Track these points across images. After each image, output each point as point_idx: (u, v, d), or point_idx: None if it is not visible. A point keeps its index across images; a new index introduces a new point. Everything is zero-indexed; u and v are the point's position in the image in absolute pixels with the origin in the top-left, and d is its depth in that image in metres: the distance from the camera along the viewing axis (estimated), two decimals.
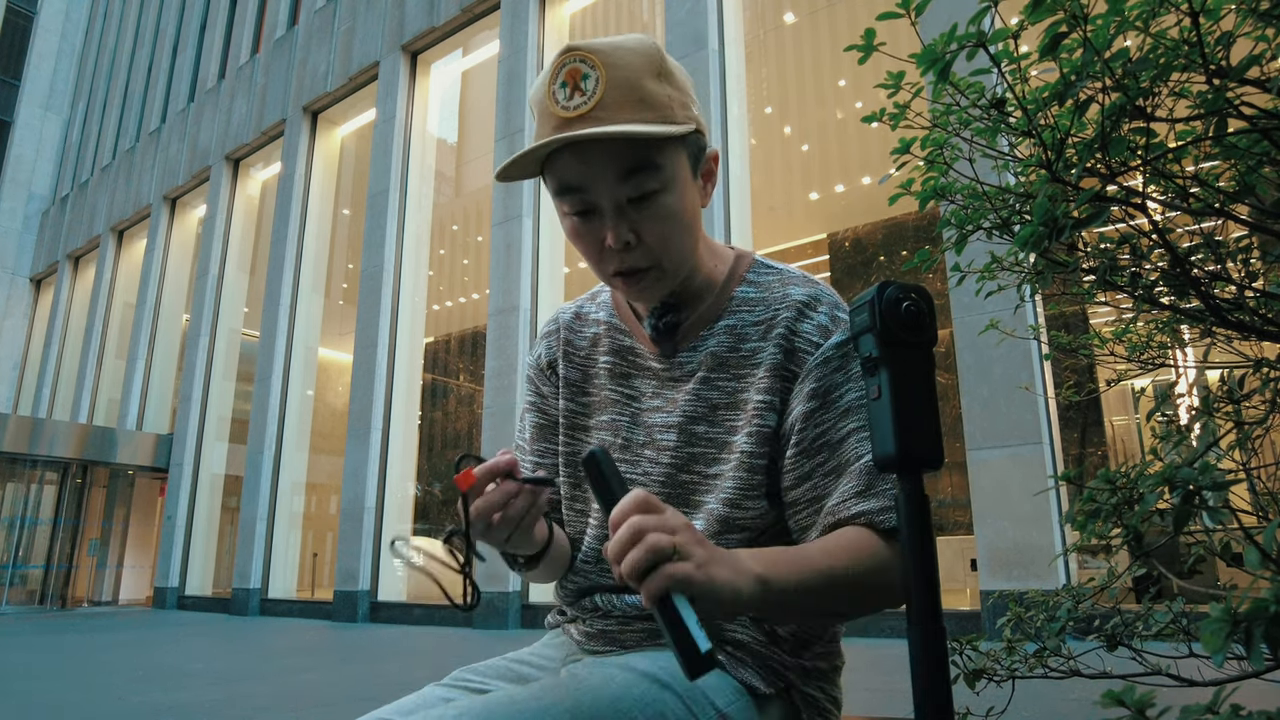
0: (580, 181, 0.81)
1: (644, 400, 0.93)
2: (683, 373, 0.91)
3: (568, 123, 0.79)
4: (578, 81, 0.79)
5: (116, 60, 19.84)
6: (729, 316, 0.90)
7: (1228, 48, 0.68)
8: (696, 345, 0.91)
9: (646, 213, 0.81)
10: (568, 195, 0.82)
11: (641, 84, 0.79)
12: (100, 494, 14.88)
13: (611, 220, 0.81)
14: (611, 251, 0.83)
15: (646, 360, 0.94)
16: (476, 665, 0.91)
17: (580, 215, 0.83)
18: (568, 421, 0.99)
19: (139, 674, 5.13)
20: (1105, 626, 0.95)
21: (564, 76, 0.79)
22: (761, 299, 0.90)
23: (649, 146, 0.79)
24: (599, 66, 0.78)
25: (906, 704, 0.60)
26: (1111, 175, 0.73)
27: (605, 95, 0.78)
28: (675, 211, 0.82)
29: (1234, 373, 0.91)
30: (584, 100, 0.78)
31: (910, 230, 11.50)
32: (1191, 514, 0.70)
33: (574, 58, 0.79)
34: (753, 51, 9.68)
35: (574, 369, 1.00)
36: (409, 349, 10.55)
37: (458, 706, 0.69)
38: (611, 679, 0.73)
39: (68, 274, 18.87)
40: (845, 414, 0.82)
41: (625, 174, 0.79)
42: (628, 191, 0.80)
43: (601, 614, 0.91)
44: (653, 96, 0.80)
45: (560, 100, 0.79)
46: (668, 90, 0.81)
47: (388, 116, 11.05)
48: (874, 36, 0.84)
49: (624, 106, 0.78)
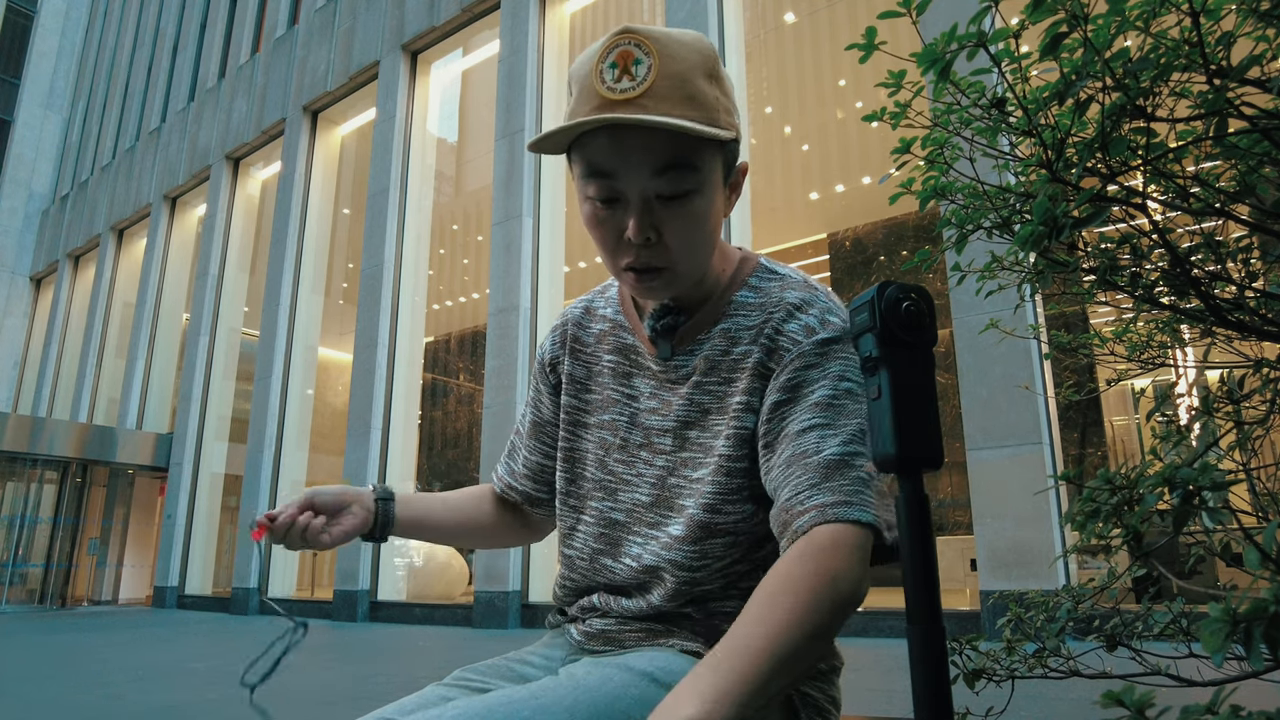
0: (613, 167, 0.77)
1: (642, 400, 0.92)
2: (678, 376, 0.90)
3: (612, 104, 0.75)
4: (629, 65, 0.75)
5: (116, 59, 19.84)
6: (725, 320, 0.88)
7: (1228, 48, 0.68)
8: (693, 349, 0.89)
9: (674, 212, 0.79)
10: (595, 179, 0.79)
11: (693, 80, 0.76)
12: (100, 493, 14.87)
13: (637, 213, 0.78)
14: (629, 244, 0.80)
15: (646, 360, 0.93)
16: (477, 665, 0.91)
17: (604, 202, 0.80)
18: (569, 418, 0.98)
19: (138, 673, 5.13)
20: (1105, 627, 0.95)
21: (615, 57, 0.76)
22: (759, 304, 0.88)
23: (690, 144, 0.76)
24: (654, 54, 0.75)
25: (906, 704, 0.60)
26: (1112, 175, 0.73)
27: (655, 84, 0.75)
28: (702, 215, 0.80)
29: (1234, 373, 0.91)
30: (633, 85, 0.75)
31: (910, 230, 11.49)
32: (1191, 514, 0.70)
33: (629, 40, 0.76)
34: (753, 51, 9.68)
35: (579, 365, 0.99)
36: (409, 348, 10.55)
37: (457, 706, 0.69)
38: (609, 679, 0.73)
39: (68, 273, 18.86)
40: (812, 408, 0.79)
41: (661, 168, 0.76)
42: (659, 187, 0.77)
43: (600, 613, 0.91)
44: (702, 95, 0.77)
45: (608, 80, 0.76)
46: (717, 93, 0.78)
47: (388, 116, 11.05)
48: (875, 35, 0.84)
49: (672, 100, 0.75)
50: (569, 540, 0.97)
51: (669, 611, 0.86)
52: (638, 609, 0.87)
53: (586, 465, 0.96)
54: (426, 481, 15.69)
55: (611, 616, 0.90)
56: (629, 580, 0.89)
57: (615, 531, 0.91)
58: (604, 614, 0.91)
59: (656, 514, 0.89)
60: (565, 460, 0.98)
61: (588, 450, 0.96)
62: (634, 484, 0.91)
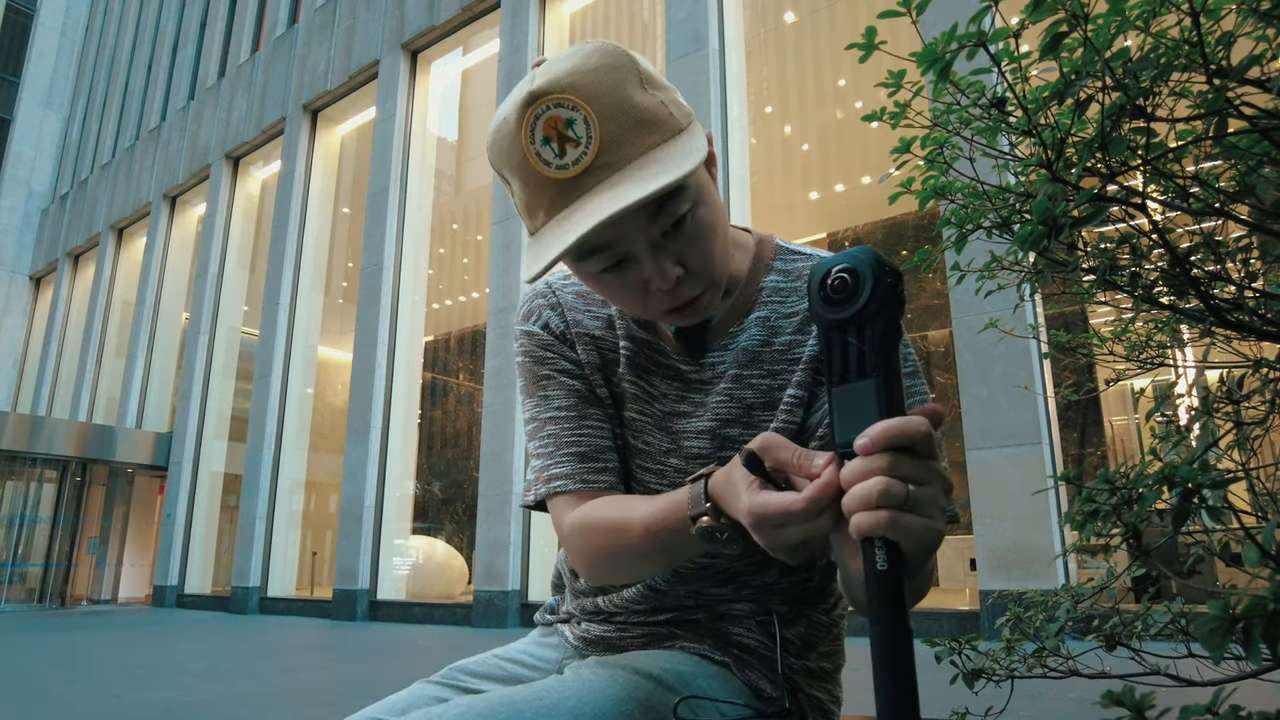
0: (609, 239, 0.70)
1: (666, 402, 0.84)
2: (714, 374, 0.82)
3: (573, 183, 0.67)
4: (561, 130, 0.66)
5: (116, 58, 19.83)
6: (760, 309, 0.82)
7: (1228, 47, 0.68)
8: (726, 343, 0.82)
9: (685, 238, 0.72)
10: (593, 256, 0.71)
11: (631, 101, 0.68)
12: (99, 492, 14.87)
13: (652, 262, 0.71)
14: (659, 292, 0.73)
15: (669, 359, 0.84)
16: (467, 663, 0.89)
17: (612, 269, 0.72)
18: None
19: (137, 672, 5.12)
20: (1104, 626, 0.95)
21: (543, 130, 0.66)
22: (794, 288, 0.83)
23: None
24: (580, 104, 0.66)
25: None
26: (1111, 175, 0.73)
27: (603, 135, 0.66)
28: (709, 222, 0.73)
29: (1233, 373, 0.91)
30: (581, 151, 0.66)
31: (910, 229, 11.50)
32: (1191, 513, 0.70)
33: (546, 103, 0.66)
34: (753, 51, 9.68)
35: (590, 351, 0.86)
36: (409, 347, 10.55)
37: (457, 705, 0.68)
38: (615, 680, 0.71)
39: (67, 272, 18.86)
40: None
41: (656, 211, 0.69)
42: (660, 226, 0.70)
43: (602, 617, 0.89)
44: (648, 111, 0.69)
45: (550, 160, 0.67)
46: (657, 95, 0.71)
47: (388, 115, 11.04)
48: (875, 35, 0.84)
49: (628, 139, 0.67)
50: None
51: (678, 617, 0.84)
52: (645, 612, 0.85)
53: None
54: (426, 481, 15.68)
55: (614, 621, 0.87)
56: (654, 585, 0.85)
57: None
58: (606, 618, 0.88)
59: None
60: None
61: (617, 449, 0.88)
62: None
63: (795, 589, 0.85)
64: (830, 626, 0.87)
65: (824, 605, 0.87)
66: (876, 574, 0.51)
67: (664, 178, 0.64)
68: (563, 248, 0.65)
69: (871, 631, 0.50)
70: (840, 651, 0.90)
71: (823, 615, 0.87)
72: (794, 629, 0.84)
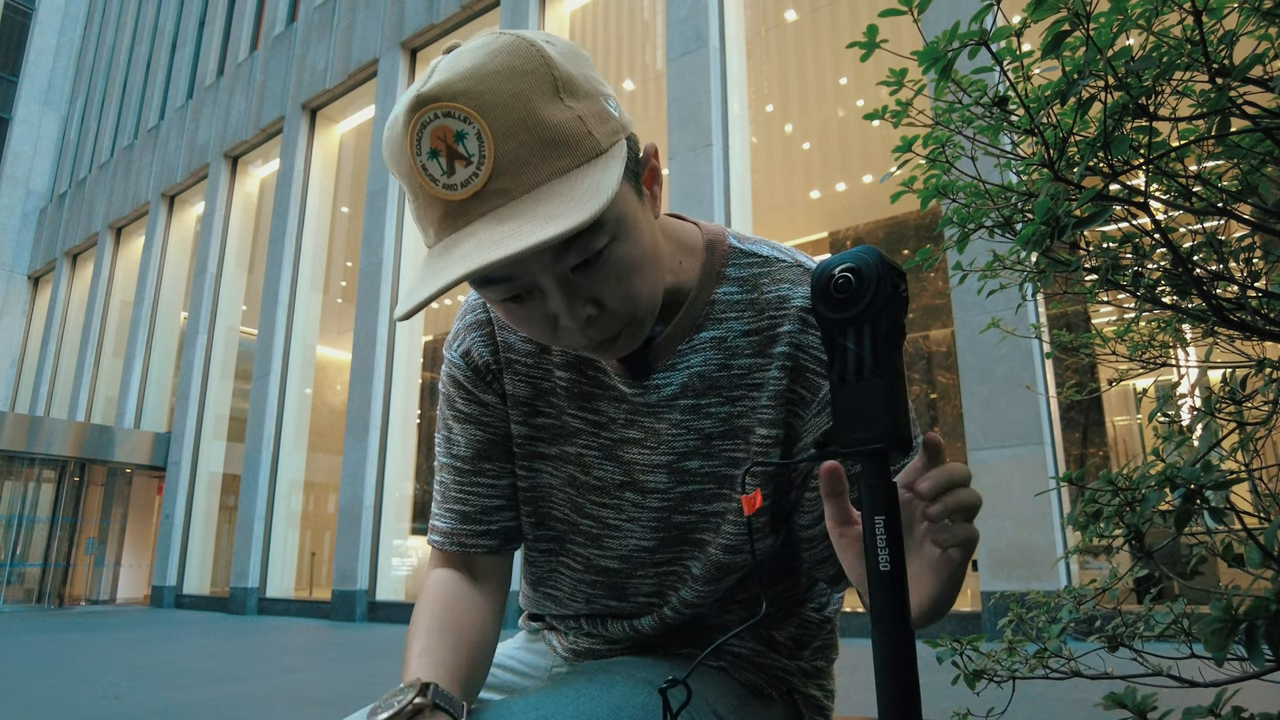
0: (504, 274, 0.60)
1: (615, 429, 0.77)
2: (660, 398, 0.75)
3: (460, 207, 0.57)
4: (452, 144, 0.56)
5: (115, 57, 19.81)
6: (712, 326, 0.74)
7: (1231, 47, 0.68)
8: (675, 363, 0.74)
9: (600, 275, 0.61)
10: (491, 286, 0.61)
11: (538, 116, 0.57)
12: (98, 492, 14.87)
13: (561, 299, 0.61)
14: (569, 329, 0.63)
15: (611, 380, 0.76)
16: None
17: (514, 300, 0.63)
18: (522, 449, 0.81)
19: (136, 673, 5.12)
20: (1106, 627, 0.95)
21: (430, 142, 0.56)
22: (750, 301, 0.74)
23: None
24: (474, 117, 0.55)
25: None
26: (1114, 174, 0.73)
27: (499, 155, 0.56)
28: (634, 258, 0.63)
29: (1236, 373, 0.90)
30: (472, 172, 0.56)
31: (912, 229, 11.50)
32: (1193, 514, 0.70)
33: (435, 112, 0.56)
34: (754, 49, 9.67)
35: (521, 382, 0.79)
36: (408, 347, 10.55)
37: None
38: (613, 685, 0.71)
39: (65, 271, 18.85)
40: None
41: (563, 248, 0.59)
42: (570, 261, 0.60)
43: (587, 633, 0.89)
44: (558, 129, 0.57)
45: (438, 177, 0.57)
46: (574, 107, 0.59)
47: (387, 113, 11.01)
48: (876, 33, 0.83)
49: (528, 161, 0.56)
50: (550, 582, 0.88)
51: (660, 633, 0.84)
52: (627, 633, 0.85)
53: (554, 505, 0.82)
54: (425, 481, 15.66)
55: (599, 637, 0.87)
56: (634, 610, 0.84)
57: (613, 578, 0.83)
58: (590, 634, 0.88)
59: (667, 553, 0.80)
60: (528, 502, 0.83)
61: (553, 487, 0.81)
62: (627, 530, 0.80)
63: (782, 596, 0.85)
64: (823, 624, 0.87)
65: (814, 604, 0.87)
66: (879, 575, 0.51)
67: (561, 222, 0.54)
68: (437, 286, 0.55)
69: (873, 632, 0.50)
70: (834, 645, 0.90)
71: (814, 613, 0.86)
72: (785, 630, 0.85)
